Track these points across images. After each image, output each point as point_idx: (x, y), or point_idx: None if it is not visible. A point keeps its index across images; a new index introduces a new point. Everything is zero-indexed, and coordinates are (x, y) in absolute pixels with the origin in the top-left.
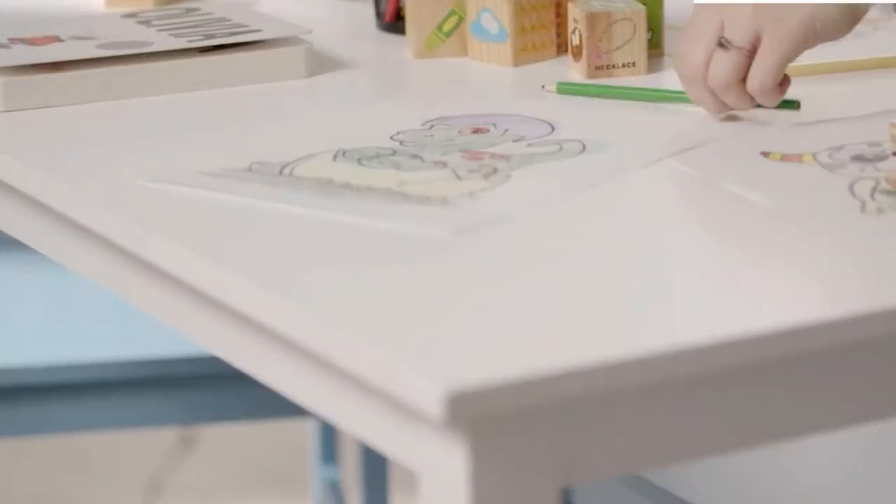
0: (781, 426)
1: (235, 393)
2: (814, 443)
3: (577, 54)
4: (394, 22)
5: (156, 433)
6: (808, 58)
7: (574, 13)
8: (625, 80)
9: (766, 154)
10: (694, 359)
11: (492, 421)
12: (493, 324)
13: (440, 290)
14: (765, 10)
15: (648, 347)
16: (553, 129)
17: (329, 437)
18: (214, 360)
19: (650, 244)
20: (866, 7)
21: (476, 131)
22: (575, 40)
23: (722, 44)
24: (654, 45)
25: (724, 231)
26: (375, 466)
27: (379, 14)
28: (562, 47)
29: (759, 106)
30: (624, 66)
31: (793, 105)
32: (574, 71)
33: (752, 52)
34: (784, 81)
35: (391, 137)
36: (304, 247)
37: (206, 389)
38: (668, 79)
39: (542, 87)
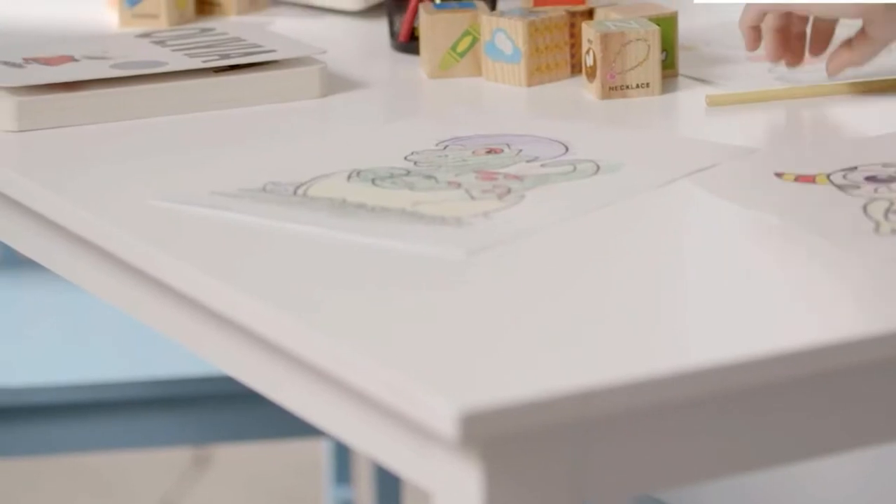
0: (798, 447)
1: (249, 413)
2: (828, 463)
3: (591, 75)
4: (408, 42)
5: (169, 453)
6: (823, 78)
7: (588, 34)
8: (639, 100)
9: (779, 175)
10: (707, 379)
11: (505, 441)
12: (506, 344)
13: (454, 310)
14: None
15: (661, 368)
16: (567, 149)
17: (342, 456)
18: (228, 380)
19: (663, 265)
20: None
21: (490, 151)
22: (589, 61)
23: None
24: (668, 66)
25: (738, 252)
26: (389, 486)
27: (393, 34)
28: (576, 68)
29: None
30: (638, 86)
31: None
32: (588, 91)
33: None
34: None
35: (405, 158)
36: (318, 267)
37: (219, 409)
38: (683, 100)
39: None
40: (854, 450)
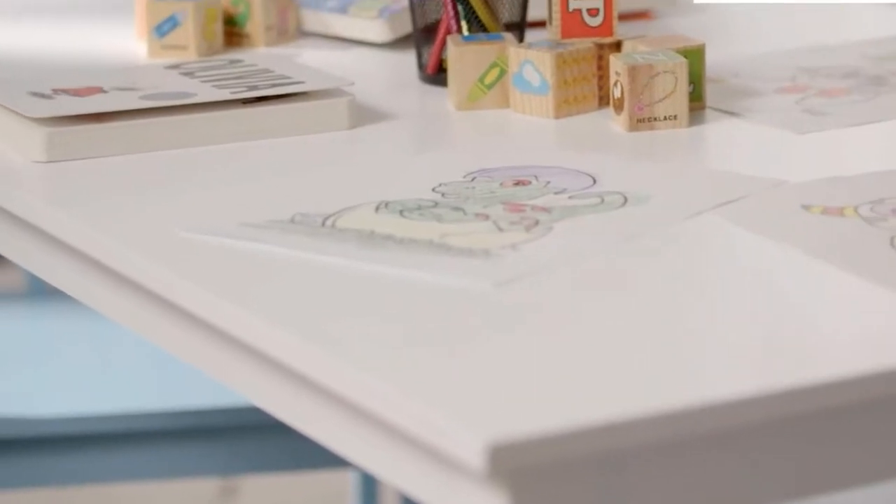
0: (829, 478)
1: (276, 444)
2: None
3: (618, 107)
4: (436, 74)
5: (196, 484)
6: (854, 111)
7: (616, 66)
8: (666, 132)
9: (807, 207)
10: (735, 411)
11: (533, 472)
12: (534, 375)
13: (481, 341)
14: None
15: (689, 399)
16: (594, 181)
17: (370, 487)
18: (254, 411)
19: (691, 297)
20: None
21: (518, 183)
22: (616, 93)
23: None
24: (696, 98)
25: (765, 285)
26: None
27: (421, 66)
28: (603, 100)
29: None
30: (665, 118)
31: None
32: (615, 123)
33: None
34: None
35: (433, 189)
36: (345, 298)
37: (246, 440)
38: (711, 132)
39: None
40: (888, 481)
